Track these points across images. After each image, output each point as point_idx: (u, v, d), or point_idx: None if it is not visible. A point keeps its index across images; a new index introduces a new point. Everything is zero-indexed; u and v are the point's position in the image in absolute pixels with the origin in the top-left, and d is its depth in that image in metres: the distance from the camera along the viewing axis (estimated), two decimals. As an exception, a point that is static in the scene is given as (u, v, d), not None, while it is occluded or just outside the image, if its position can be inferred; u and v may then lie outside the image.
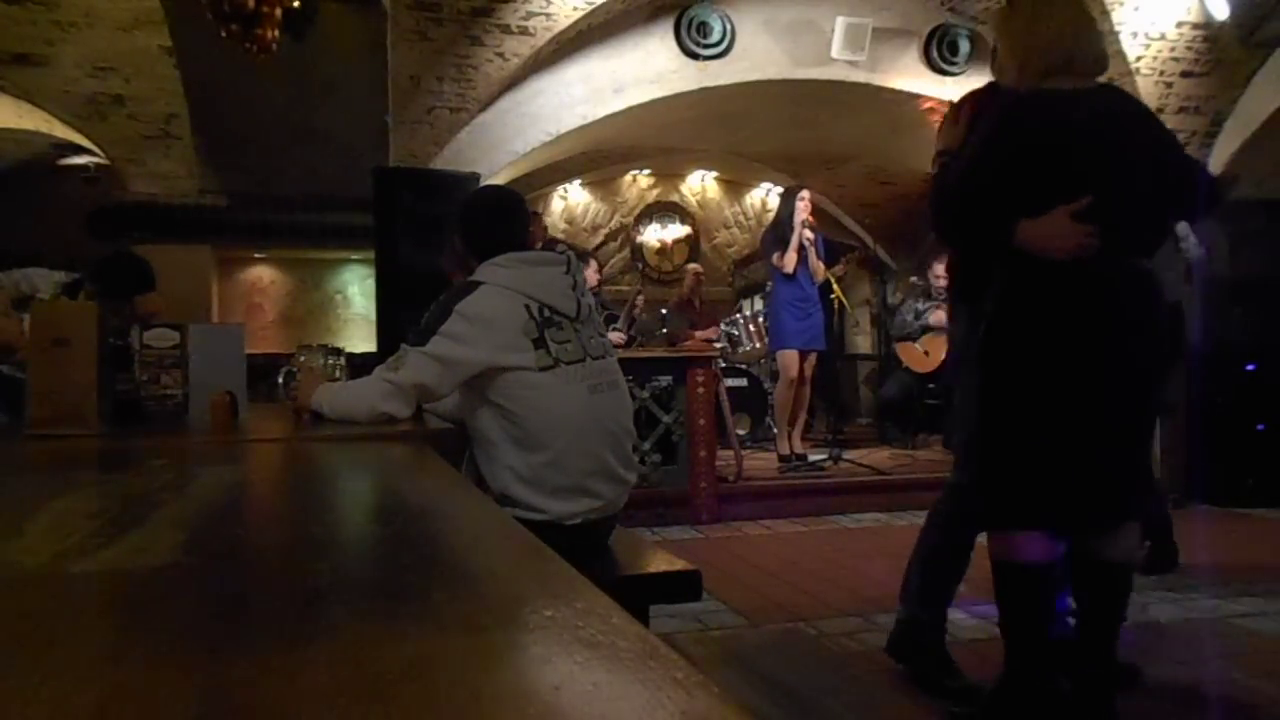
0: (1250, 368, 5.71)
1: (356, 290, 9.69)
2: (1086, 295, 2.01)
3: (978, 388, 2.16)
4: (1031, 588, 2.08)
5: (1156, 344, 2.07)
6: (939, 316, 6.51)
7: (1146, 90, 6.06)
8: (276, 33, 4.85)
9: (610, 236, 10.13)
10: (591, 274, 6.28)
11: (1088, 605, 2.11)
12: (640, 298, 6.86)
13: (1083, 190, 1.97)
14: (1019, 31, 2.18)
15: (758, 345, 6.93)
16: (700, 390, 5.03)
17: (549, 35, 5.83)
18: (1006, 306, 2.10)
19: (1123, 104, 2.14)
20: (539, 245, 5.89)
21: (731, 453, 5.43)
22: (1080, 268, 1.99)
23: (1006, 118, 2.10)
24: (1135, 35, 5.94)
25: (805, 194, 5.73)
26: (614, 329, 6.16)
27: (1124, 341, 2.01)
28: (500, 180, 5.91)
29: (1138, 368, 2.03)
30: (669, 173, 10.26)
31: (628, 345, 5.93)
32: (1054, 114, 2.05)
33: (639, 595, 1.96)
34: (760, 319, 6.92)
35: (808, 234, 5.59)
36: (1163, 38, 5.98)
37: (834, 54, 6.38)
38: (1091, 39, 2.10)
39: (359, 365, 2.46)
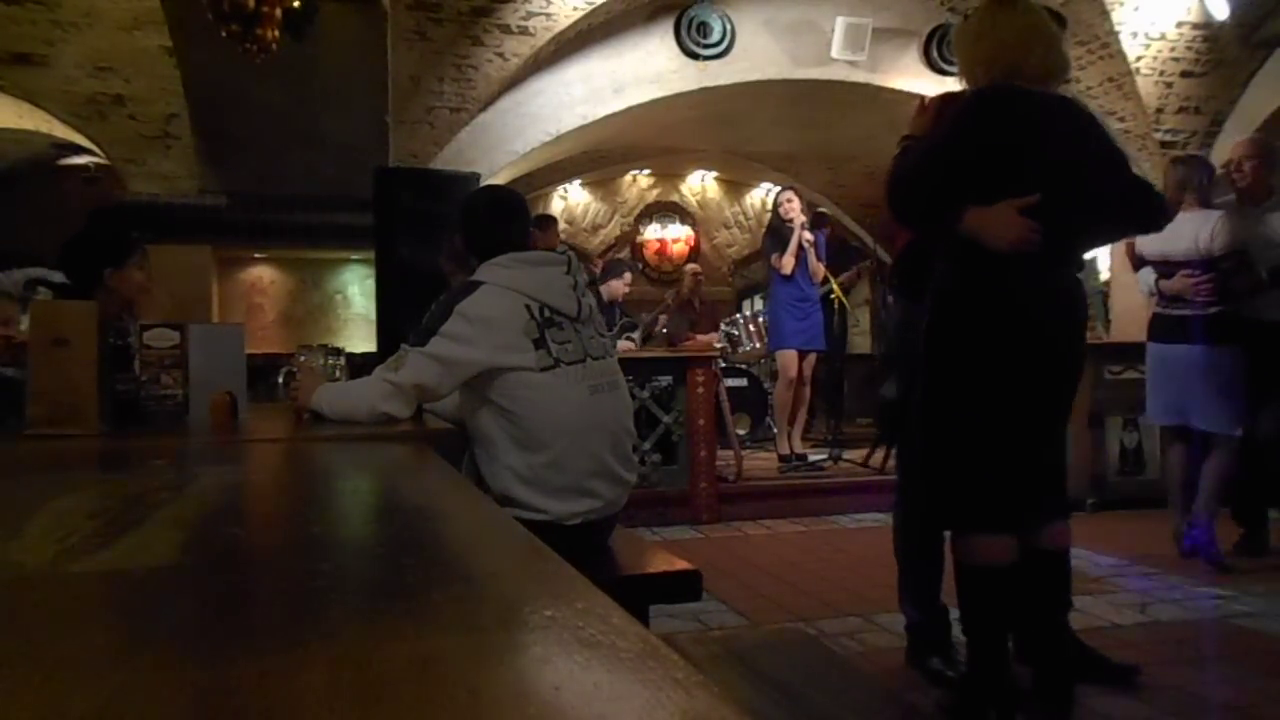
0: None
1: (356, 290, 9.68)
2: (1025, 299, 2.06)
3: (923, 393, 2.23)
4: (993, 588, 2.12)
5: (1082, 347, 2.19)
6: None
7: (1146, 90, 6.06)
8: (276, 33, 4.85)
9: (620, 240, 10.13)
10: (622, 285, 6.27)
11: (1035, 596, 2.16)
12: (663, 316, 6.86)
13: (1033, 188, 2.02)
14: (967, 45, 2.25)
15: (758, 345, 6.93)
16: (700, 390, 5.03)
17: (549, 35, 5.83)
18: (946, 309, 2.16)
19: (1080, 115, 2.19)
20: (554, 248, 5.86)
21: (731, 453, 5.43)
22: (1018, 272, 2.04)
23: (972, 107, 2.14)
24: (1135, 35, 5.94)
25: (788, 193, 5.74)
26: (628, 338, 6.15)
27: (1057, 344, 2.09)
28: (500, 180, 5.91)
29: (1068, 369, 2.13)
30: (669, 173, 10.26)
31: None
32: (1018, 110, 2.09)
33: (639, 595, 1.96)
34: (760, 319, 6.92)
35: (807, 235, 5.59)
36: (1163, 38, 5.98)
37: (834, 54, 6.38)
38: (1042, 50, 2.12)
39: (359, 365, 2.46)
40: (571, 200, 10.09)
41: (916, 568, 2.60)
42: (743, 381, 6.92)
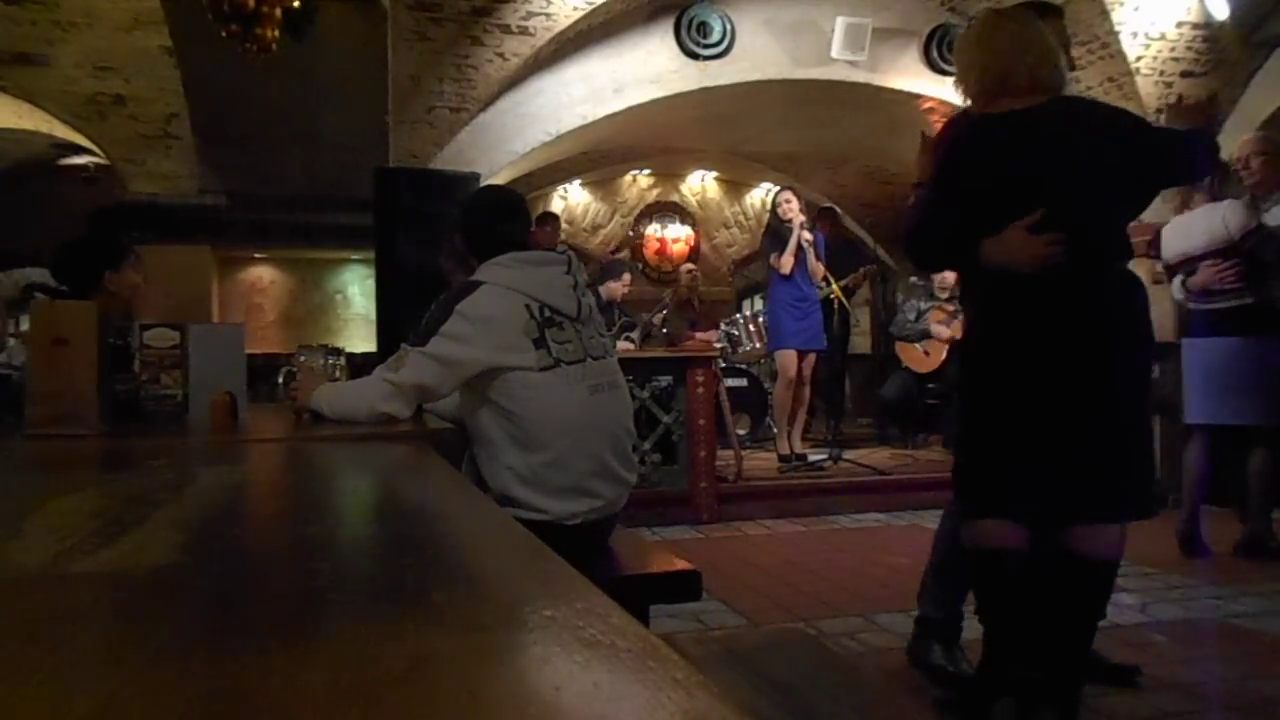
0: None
1: (356, 290, 9.69)
2: (1051, 299, 2.07)
3: (961, 385, 2.27)
4: (999, 573, 2.14)
5: (1129, 345, 2.11)
6: (938, 318, 6.52)
7: (1146, 90, 6.06)
8: (276, 33, 4.85)
9: (622, 242, 10.16)
10: (620, 286, 6.27)
11: (1063, 600, 2.15)
12: (663, 314, 6.86)
13: (1035, 203, 2.04)
14: (964, 57, 2.28)
15: (758, 345, 6.93)
16: (700, 390, 5.03)
17: (549, 35, 5.83)
18: (982, 310, 2.21)
19: (1075, 112, 2.16)
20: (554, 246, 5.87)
21: (731, 453, 5.43)
22: (1046, 274, 2.05)
23: (953, 148, 2.20)
24: (1135, 35, 5.94)
25: (786, 193, 5.74)
26: (627, 337, 6.14)
27: (1091, 342, 2.07)
28: (500, 180, 5.91)
29: (1108, 368, 2.07)
30: (669, 173, 10.26)
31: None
32: (996, 137, 2.13)
33: (639, 595, 1.96)
34: (760, 319, 6.92)
35: (806, 235, 5.58)
36: (1163, 38, 5.98)
37: (834, 54, 6.38)
38: (1031, 62, 2.13)
39: (359, 365, 2.46)
40: (571, 200, 10.09)
41: (950, 568, 2.56)
42: (743, 381, 6.92)
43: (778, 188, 6.60)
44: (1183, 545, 3.94)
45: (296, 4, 4.96)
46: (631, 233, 10.30)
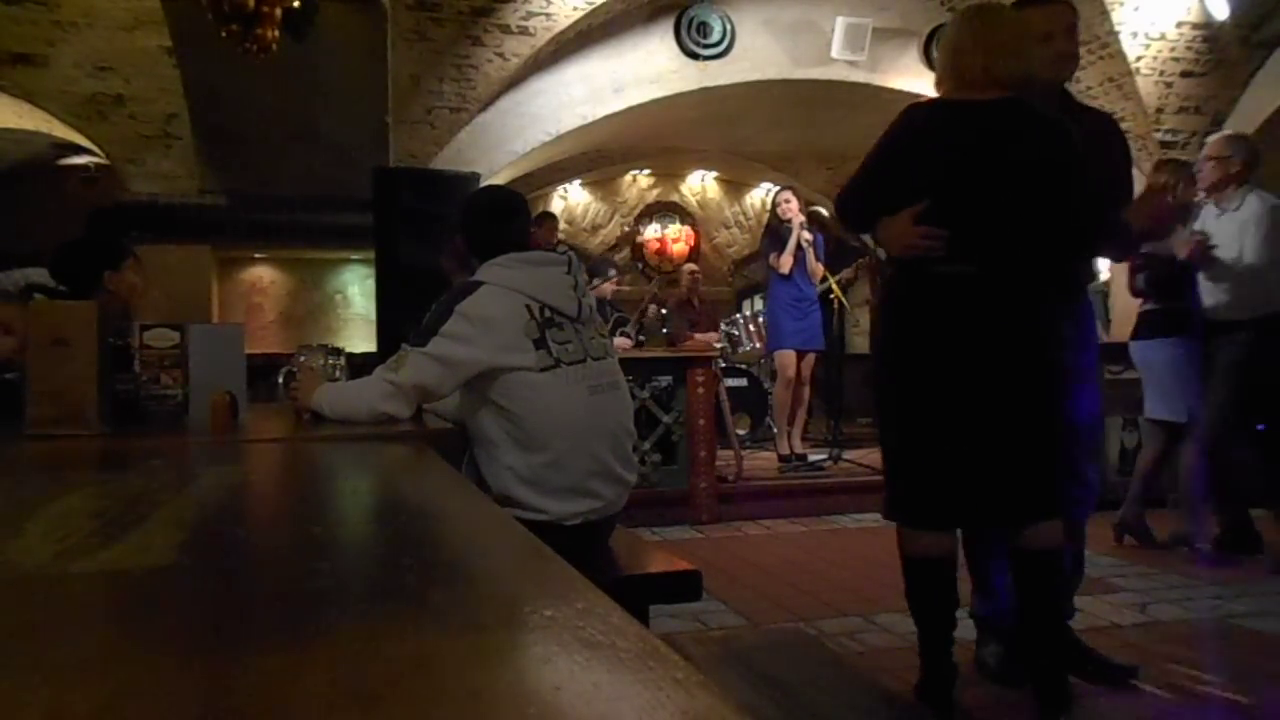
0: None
1: (356, 290, 9.69)
2: (935, 303, 2.10)
3: (877, 394, 2.34)
4: (926, 579, 2.20)
5: (1029, 354, 2.11)
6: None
7: (1146, 90, 6.06)
8: (276, 33, 4.85)
9: (621, 241, 10.16)
10: (610, 286, 6.28)
11: (1022, 595, 2.19)
12: (653, 306, 6.86)
13: (929, 194, 2.07)
14: (939, 50, 2.37)
15: (758, 345, 6.93)
16: (700, 390, 5.02)
17: (549, 35, 5.83)
18: (890, 311, 2.25)
19: (1007, 116, 2.11)
20: (554, 245, 5.88)
21: (731, 453, 5.43)
22: (932, 276, 2.08)
23: (893, 125, 2.23)
24: (1135, 35, 5.95)
25: (786, 193, 5.74)
26: (622, 333, 6.14)
27: (986, 350, 2.08)
28: (500, 180, 5.92)
29: (1010, 375, 2.08)
30: (669, 173, 10.26)
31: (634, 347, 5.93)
32: (931, 120, 2.17)
33: (639, 595, 1.96)
34: (760, 319, 6.91)
35: (805, 235, 5.58)
36: (1163, 38, 5.98)
37: (834, 54, 6.38)
38: (983, 59, 2.13)
39: (359, 365, 2.46)
40: (571, 200, 10.09)
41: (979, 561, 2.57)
42: (743, 381, 6.91)
43: (778, 188, 6.60)
44: (1119, 532, 4.10)
45: (296, 4, 4.96)
46: (631, 232, 10.30)
